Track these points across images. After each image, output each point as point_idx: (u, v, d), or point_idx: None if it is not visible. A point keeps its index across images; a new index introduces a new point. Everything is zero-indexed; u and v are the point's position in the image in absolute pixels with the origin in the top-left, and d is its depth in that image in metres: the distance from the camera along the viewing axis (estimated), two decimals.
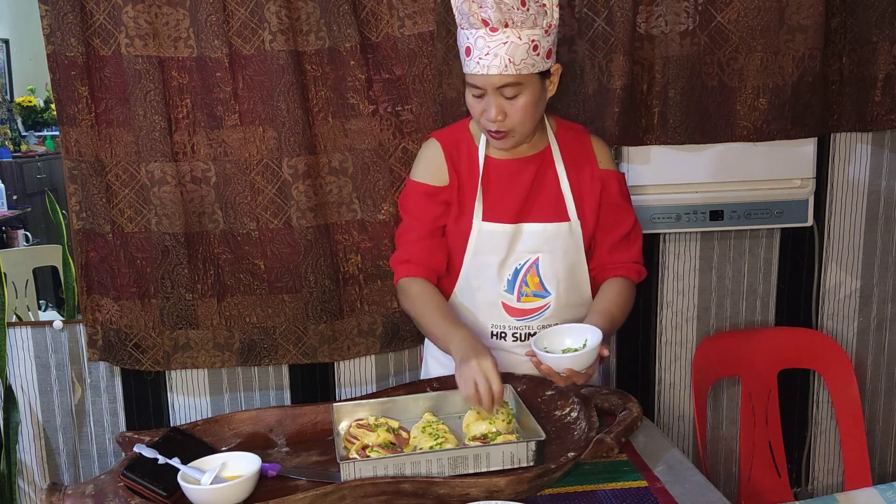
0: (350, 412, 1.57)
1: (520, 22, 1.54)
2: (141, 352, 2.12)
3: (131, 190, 2.04)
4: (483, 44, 1.55)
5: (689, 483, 1.43)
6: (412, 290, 1.72)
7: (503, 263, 1.70)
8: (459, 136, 1.76)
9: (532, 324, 1.72)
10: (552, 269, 1.71)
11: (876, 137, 2.29)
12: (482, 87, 1.58)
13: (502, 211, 1.70)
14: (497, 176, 1.72)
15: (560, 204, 1.72)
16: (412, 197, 1.75)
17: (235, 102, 2.01)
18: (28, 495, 2.30)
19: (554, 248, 1.70)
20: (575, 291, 1.74)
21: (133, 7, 1.92)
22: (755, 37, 2.01)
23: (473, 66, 1.57)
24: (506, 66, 1.55)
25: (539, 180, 1.72)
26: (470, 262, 1.72)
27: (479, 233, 1.70)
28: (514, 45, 1.54)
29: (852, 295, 2.39)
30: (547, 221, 1.70)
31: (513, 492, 1.35)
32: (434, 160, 1.73)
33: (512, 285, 1.71)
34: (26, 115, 2.54)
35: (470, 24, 1.56)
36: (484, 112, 1.61)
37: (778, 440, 2.32)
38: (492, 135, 1.65)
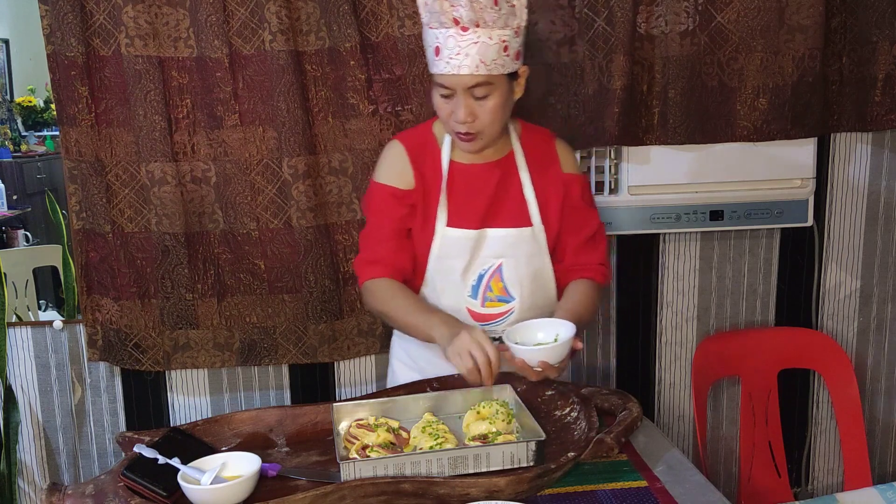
0: (350, 412, 1.57)
1: (491, 22, 1.52)
2: (141, 352, 2.12)
3: (131, 190, 2.04)
4: (454, 43, 1.53)
5: (689, 483, 1.43)
6: (379, 288, 1.70)
7: (467, 269, 1.69)
8: (423, 138, 1.74)
9: (496, 328, 1.71)
10: (516, 273, 1.70)
11: (876, 137, 2.29)
12: (452, 87, 1.56)
13: (466, 216, 1.69)
14: (461, 180, 1.70)
15: (523, 209, 1.71)
16: (377, 198, 1.72)
17: (235, 102, 2.01)
18: (28, 495, 2.30)
19: (517, 253, 1.70)
20: (539, 295, 1.74)
21: (133, 7, 1.93)
22: (755, 37, 2.01)
23: (443, 65, 1.55)
24: (477, 66, 1.54)
25: (503, 185, 1.71)
26: (434, 267, 1.71)
27: (444, 238, 1.69)
28: (485, 45, 1.53)
29: (852, 295, 2.39)
30: (510, 227, 1.70)
31: (513, 492, 1.35)
32: (398, 163, 1.71)
33: (476, 290, 1.70)
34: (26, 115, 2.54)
35: (440, 24, 1.54)
36: (453, 113, 1.59)
37: (778, 440, 2.33)
38: (460, 137, 1.63)
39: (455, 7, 1.51)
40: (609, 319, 2.34)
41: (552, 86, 2.04)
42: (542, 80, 2.04)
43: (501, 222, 1.70)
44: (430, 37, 1.58)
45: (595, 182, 2.11)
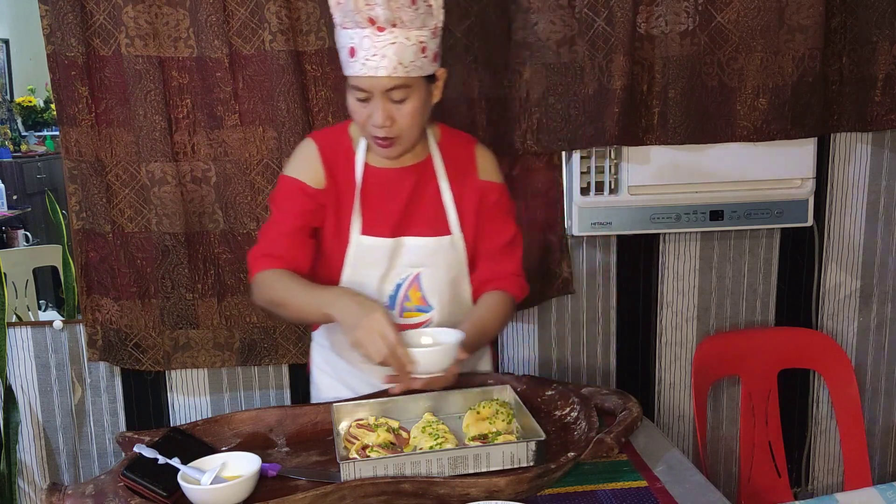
0: (350, 412, 1.57)
1: (408, 21, 1.46)
2: (141, 352, 2.12)
3: (131, 190, 2.04)
4: (370, 44, 1.46)
5: (689, 483, 1.43)
6: (270, 278, 1.58)
7: (384, 278, 1.63)
8: (338, 139, 1.66)
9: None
10: (434, 283, 1.65)
11: (876, 137, 2.29)
12: (369, 90, 1.49)
13: (381, 223, 1.62)
14: (376, 185, 1.63)
15: (441, 216, 1.65)
16: (284, 191, 1.64)
17: (235, 102, 2.01)
18: (28, 495, 2.30)
19: (436, 262, 1.65)
20: (457, 305, 1.69)
21: (133, 7, 1.93)
22: (755, 37, 2.01)
23: (359, 67, 1.47)
24: (395, 68, 1.47)
25: (419, 191, 1.65)
26: (349, 277, 1.63)
27: (358, 247, 1.62)
28: (403, 46, 1.46)
29: (852, 295, 2.39)
30: (428, 235, 1.64)
31: (513, 492, 1.35)
32: (311, 161, 1.64)
33: (394, 301, 1.65)
34: (26, 115, 2.54)
35: (355, 23, 1.46)
36: (370, 117, 1.52)
37: (778, 440, 2.33)
38: (378, 141, 1.55)
39: (371, 6, 1.44)
40: (609, 319, 2.34)
41: (552, 86, 2.04)
42: (542, 80, 2.04)
43: (419, 230, 1.64)
44: (343, 37, 1.50)
45: (595, 182, 2.11)
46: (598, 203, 2.13)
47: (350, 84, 1.52)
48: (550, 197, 2.19)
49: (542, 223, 2.21)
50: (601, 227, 2.15)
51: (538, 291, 2.24)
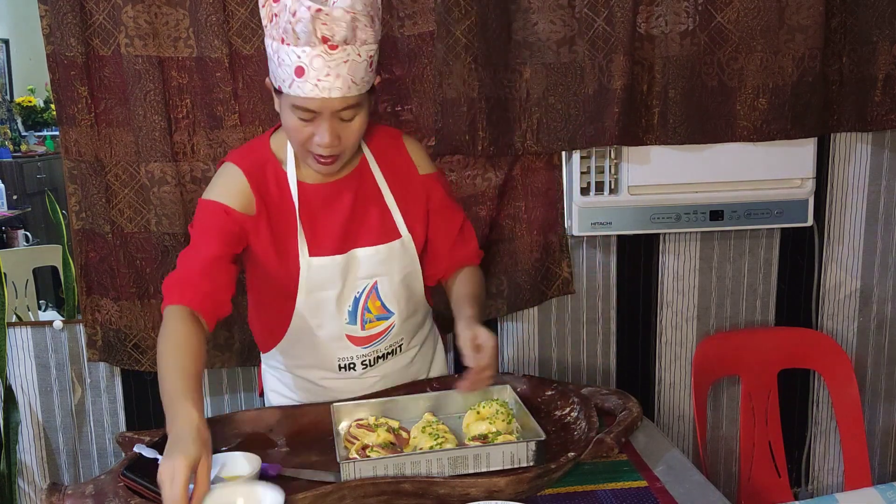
0: (350, 412, 1.57)
1: (362, 39, 1.38)
2: (140, 352, 2.12)
3: (131, 190, 2.04)
4: (321, 63, 1.36)
5: (689, 483, 1.43)
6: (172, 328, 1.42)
7: (341, 296, 1.57)
8: (262, 159, 1.56)
9: (379, 347, 1.65)
10: (391, 289, 1.61)
11: (876, 137, 2.29)
12: (317, 110, 1.41)
13: (328, 242, 1.55)
14: (315, 203, 1.55)
15: (388, 221, 1.60)
16: (207, 215, 1.52)
17: (235, 102, 2.01)
18: (28, 495, 2.30)
19: (391, 268, 1.60)
20: (412, 303, 1.66)
21: (133, 7, 1.92)
22: (755, 37, 2.01)
23: (310, 88, 1.38)
24: (349, 87, 1.39)
25: (361, 200, 1.58)
26: (304, 301, 1.56)
27: (309, 269, 1.54)
28: (355, 63, 1.38)
29: (852, 295, 2.39)
30: (378, 243, 1.58)
31: (513, 492, 1.35)
32: (237, 187, 1.52)
33: (354, 316, 1.59)
34: (26, 115, 2.54)
35: (306, 41, 1.35)
36: (313, 136, 1.44)
37: (778, 440, 2.33)
38: (320, 160, 1.47)
39: (329, 26, 1.34)
40: (609, 319, 2.34)
41: (552, 86, 2.04)
42: (542, 80, 2.04)
43: (368, 240, 1.58)
44: (286, 54, 1.38)
45: (595, 182, 2.11)
46: (598, 203, 2.13)
47: (293, 104, 1.42)
48: (550, 197, 2.19)
49: (542, 223, 2.21)
50: (601, 227, 2.15)
51: (538, 291, 2.24)
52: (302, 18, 1.34)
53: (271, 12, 1.40)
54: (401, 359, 1.71)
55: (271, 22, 1.41)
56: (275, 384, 1.78)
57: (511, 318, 2.29)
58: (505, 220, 2.19)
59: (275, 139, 1.59)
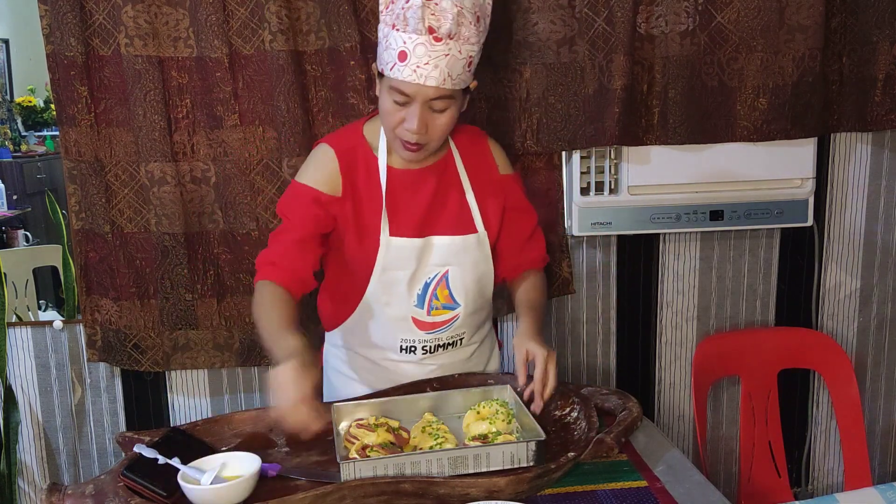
0: (350, 412, 1.57)
1: (466, 36, 1.47)
2: (140, 352, 2.12)
3: (131, 190, 2.04)
4: (423, 52, 1.45)
5: (689, 483, 1.43)
6: (264, 294, 1.58)
7: (413, 278, 1.64)
8: (354, 143, 1.66)
9: (441, 335, 1.70)
10: (461, 281, 1.67)
11: (876, 137, 2.29)
12: (412, 95, 1.49)
13: (408, 224, 1.63)
14: (400, 187, 1.64)
15: (466, 214, 1.68)
16: (298, 200, 1.64)
17: (235, 102, 2.01)
18: (28, 495, 2.30)
19: (463, 260, 1.67)
20: (481, 299, 1.73)
21: (133, 7, 1.92)
22: (755, 37, 2.00)
23: (409, 73, 1.47)
24: (444, 80, 1.48)
25: (443, 190, 1.67)
26: (378, 278, 1.64)
27: (388, 248, 1.62)
28: (455, 59, 1.47)
29: (852, 295, 2.39)
30: (455, 234, 1.66)
31: (513, 492, 1.35)
32: (328, 169, 1.63)
33: (422, 300, 1.66)
34: (26, 115, 2.54)
35: (413, 29, 1.45)
36: (404, 121, 1.52)
37: (778, 440, 2.33)
38: (407, 145, 1.56)
39: (437, 17, 1.44)
40: (609, 319, 2.34)
41: (552, 85, 2.04)
42: (542, 80, 2.04)
43: (445, 229, 1.66)
44: (394, 39, 1.48)
45: (595, 182, 2.11)
46: (598, 203, 2.13)
47: (391, 86, 1.51)
48: (550, 197, 2.19)
49: (542, 223, 2.20)
50: (601, 227, 2.15)
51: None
52: (413, 5, 1.44)
53: (402, 5, 1.48)
54: (460, 352, 1.76)
55: (387, 8, 1.50)
56: (336, 363, 1.83)
57: (511, 318, 2.29)
58: None
59: (368, 126, 1.68)
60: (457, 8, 1.45)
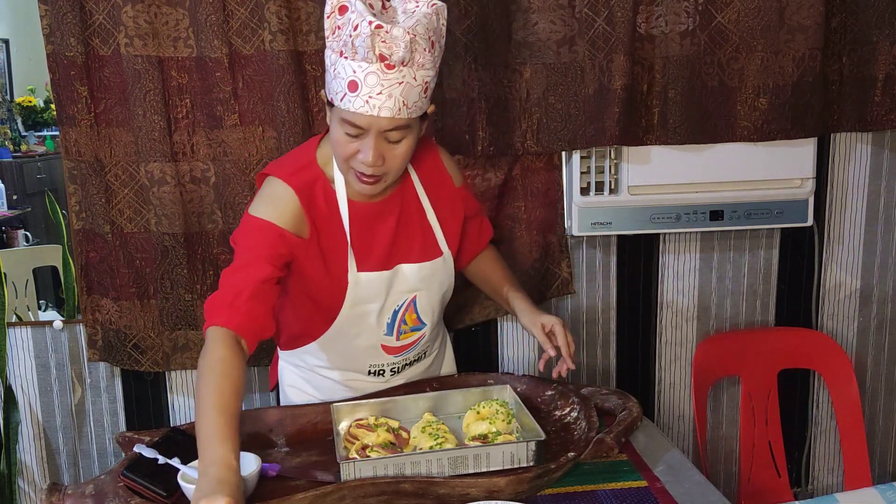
0: (350, 412, 1.57)
1: (420, 63, 1.38)
2: (140, 352, 2.12)
3: (131, 190, 2.04)
4: (375, 81, 1.36)
5: (689, 483, 1.43)
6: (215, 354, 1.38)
7: (382, 309, 1.61)
8: (311, 177, 1.54)
9: (409, 355, 1.71)
10: (428, 302, 1.66)
11: (876, 137, 2.29)
12: (365, 127, 1.40)
13: (375, 258, 1.58)
14: (364, 221, 1.57)
15: (430, 238, 1.64)
16: (259, 236, 1.49)
17: (235, 102, 2.01)
18: (28, 495, 2.30)
19: (430, 284, 1.65)
20: (441, 311, 1.74)
21: (132, 7, 1.92)
22: (755, 37, 2.00)
23: (360, 104, 1.37)
24: (399, 109, 1.39)
25: (406, 218, 1.61)
26: (347, 313, 1.59)
27: (357, 284, 1.57)
28: (409, 87, 1.38)
29: (852, 295, 2.39)
30: (422, 261, 1.62)
31: (513, 492, 1.35)
32: (290, 209, 1.51)
33: (391, 328, 1.64)
34: (26, 115, 2.54)
35: (362, 57, 1.36)
36: (358, 153, 1.43)
37: (778, 440, 2.33)
38: (362, 178, 1.47)
39: (388, 44, 1.34)
40: (609, 319, 2.34)
41: (552, 86, 2.04)
42: (542, 80, 2.04)
43: (412, 257, 1.62)
44: (342, 67, 1.39)
45: (595, 182, 2.11)
46: (598, 203, 2.13)
47: (342, 117, 1.42)
48: (550, 197, 2.19)
49: (542, 223, 2.21)
50: (601, 227, 2.15)
51: (538, 292, 2.24)
52: (362, 33, 1.34)
53: (335, 24, 1.40)
54: (424, 362, 1.79)
55: (333, 34, 1.41)
56: (294, 380, 1.79)
57: (510, 318, 2.29)
58: (505, 221, 2.19)
59: (321, 152, 1.57)
60: (409, 36, 1.35)
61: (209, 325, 1.43)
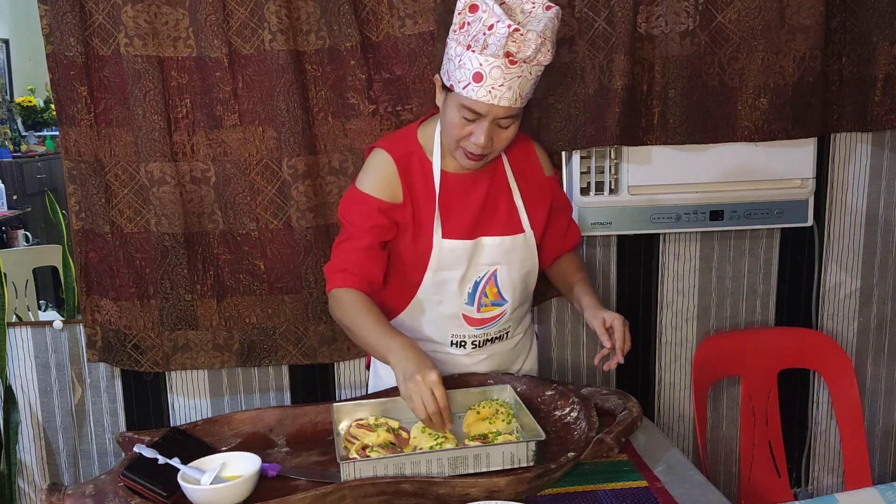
0: (350, 412, 1.57)
1: (540, 60, 1.53)
2: (140, 353, 2.12)
3: (130, 190, 2.04)
4: (499, 74, 1.51)
5: (689, 483, 1.43)
6: (345, 299, 1.66)
7: (464, 278, 1.72)
8: (410, 148, 1.73)
9: (490, 330, 1.78)
10: (509, 278, 1.75)
11: (876, 137, 2.29)
12: (484, 114, 1.56)
13: (460, 226, 1.70)
14: (453, 191, 1.71)
15: (514, 216, 1.75)
16: (361, 209, 1.69)
17: (235, 102, 2.01)
18: (28, 495, 2.30)
19: (511, 259, 1.74)
20: (526, 295, 1.83)
21: (132, 7, 1.92)
22: (756, 36, 2.00)
23: (483, 93, 1.53)
24: (516, 100, 1.55)
25: (493, 193, 1.74)
26: (431, 278, 1.71)
27: (441, 250, 1.69)
28: (526, 80, 1.55)
29: (852, 295, 2.39)
30: (504, 234, 1.73)
31: (513, 492, 1.35)
32: (387, 176, 1.70)
33: (472, 298, 1.74)
34: (26, 115, 2.55)
35: (491, 53, 1.50)
36: (471, 135, 1.59)
37: (778, 440, 2.33)
38: (470, 156, 1.63)
39: (518, 44, 1.49)
40: None
41: (552, 86, 2.04)
42: (542, 80, 2.03)
43: (495, 230, 1.73)
44: (468, 59, 1.53)
45: (595, 182, 2.11)
46: (598, 203, 2.13)
47: (461, 103, 1.56)
48: None
49: None
50: (601, 227, 2.15)
51: (538, 291, 2.23)
52: (498, 33, 1.48)
53: (464, 20, 1.54)
54: (505, 343, 1.84)
55: (462, 28, 1.55)
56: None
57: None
58: None
59: (422, 131, 1.75)
60: (541, 39, 1.49)
61: (330, 288, 1.70)
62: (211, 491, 1.36)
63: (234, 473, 1.42)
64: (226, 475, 1.41)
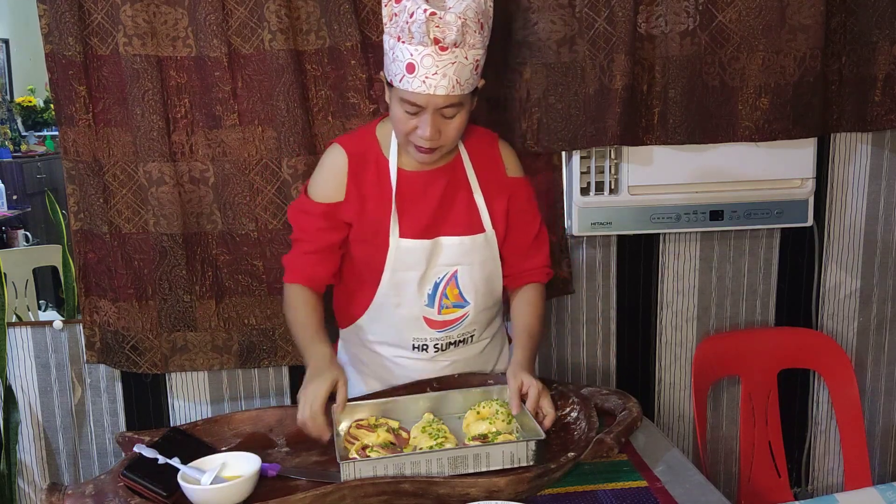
0: (350, 412, 1.57)
1: (471, 43, 1.51)
2: (138, 354, 2.11)
3: (129, 190, 2.04)
4: (431, 62, 1.50)
5: (689, 483, 1.43)
6: (288, 295, 1.71)
7: (423, 278, 1.68)
8: (366, 146, 1.71)
9: (452, 333, 1.74)
10: (471, 279, 1.71)
11: (876, 137, 2.29)
12: (423, 105, 1.54)
13: (418, 226, 1.68)
14: (410, 189, 1.68)
15: (474, 214, 1.71)
16: (306, 215, 1.71)
17: (234, 102, 2.00)
18: (28, 495, 2.30)
19: (472, 259, 1.71)
20: (490, 297, 1.76)
21: (131, 6, 1.92)
22: (756, 36, 2.00)
23: (418, 84, 1.51)
24: (453, 87, 1.52)
25: (451, 191, 1.70)
26: (389, 279, 1.68)
27: (398, 250, 1.67)
28: (462, 66, 1.52)
29: (852, 295, 2.39)
30: (463, 234, 1.70)
31: (513, 492, 1.35)
32: (334, 173, 1.69)
33: (432, 299, 1.70)
34: (26, 115, 2.55)
35: (419, 41, 1.49)
36: (416, 129, 1.57)
37: (778, 440, 2.32)
38: (421, 150, 1.61)
39: (441, 28, 1.48)
40: (609, 319, 2.34)
41: (552, 86, 2.04)
42: (542, 80, 2.04)
43: (454, 230, 1.70)
44: (400, 51, 1.53)
45: (595, 182, 2.11)
46: (598, 203, 2.13)
47: (401, 97, 1.56)
48: (550, 197, 2.18)
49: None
50: (601, 227, 2.15)
51: None
52: (418, 20, 1.47)
53: (392, 12, 1.54)
54: (471, 348, 1.80)
55: (391, 20, 1.54)
56: (349, 359, 1.86)
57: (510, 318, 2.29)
58: None
59: (380, 128, 1.73)
60: (461, 20, 1.48)
61: (284, 279, 1.73)
62: (211, 491, 1.36)
63: (234, 473, 1.41)
64: (226, 475, 1.41)
